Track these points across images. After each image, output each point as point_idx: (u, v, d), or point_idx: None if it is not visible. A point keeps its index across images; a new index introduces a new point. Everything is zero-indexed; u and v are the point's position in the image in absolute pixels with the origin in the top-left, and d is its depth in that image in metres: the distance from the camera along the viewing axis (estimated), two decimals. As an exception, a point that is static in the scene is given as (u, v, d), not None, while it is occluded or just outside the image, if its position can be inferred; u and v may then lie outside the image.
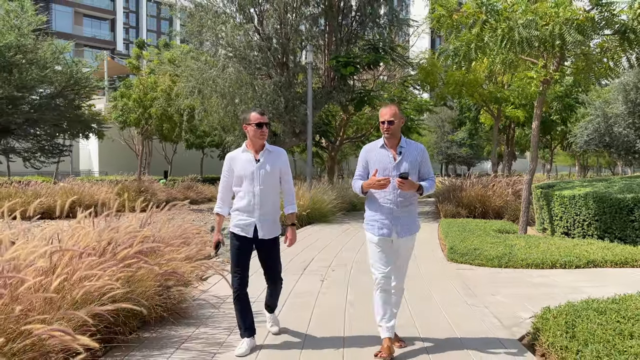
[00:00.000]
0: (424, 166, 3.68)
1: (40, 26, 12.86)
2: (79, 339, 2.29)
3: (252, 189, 3.65)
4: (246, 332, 3.63)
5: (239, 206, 3.69)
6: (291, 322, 4.32)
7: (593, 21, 7.79)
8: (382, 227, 3.58)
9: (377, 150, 3.64)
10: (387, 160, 3.59)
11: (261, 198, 3.65)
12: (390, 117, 3.56)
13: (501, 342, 3.89)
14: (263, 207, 3.66)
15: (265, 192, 3.67)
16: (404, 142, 3.66)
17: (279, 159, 3.76)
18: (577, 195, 9.00)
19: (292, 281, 5.88)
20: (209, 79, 13.49)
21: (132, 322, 3.77)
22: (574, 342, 3.38)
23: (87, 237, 3.69)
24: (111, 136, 27.36)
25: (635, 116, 16.06)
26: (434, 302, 5.03)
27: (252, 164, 3.66)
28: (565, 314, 3.97)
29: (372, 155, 3.65)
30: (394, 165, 3.56)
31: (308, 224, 12.07)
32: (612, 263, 6.82)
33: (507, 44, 7.76)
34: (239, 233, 3.66)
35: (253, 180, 3.63)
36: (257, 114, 3.67)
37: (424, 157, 3.69)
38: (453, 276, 6.31)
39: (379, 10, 15.37)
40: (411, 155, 3.62)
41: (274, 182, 3.72)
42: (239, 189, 3.69)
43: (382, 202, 3.59)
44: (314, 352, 3.67)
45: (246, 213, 3.67)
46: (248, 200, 3.65)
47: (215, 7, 14.22)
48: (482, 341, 3.91)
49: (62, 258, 3.02)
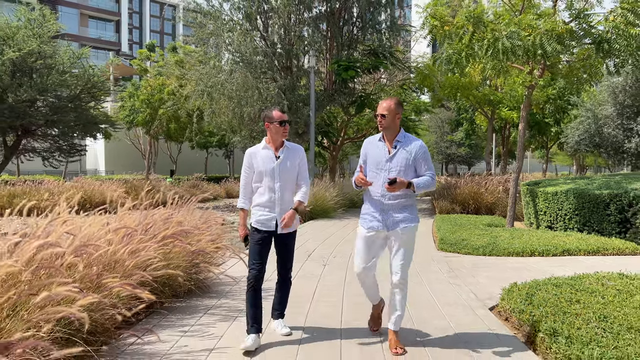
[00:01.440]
0: (422, 162, 3.60)
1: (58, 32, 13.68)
2: (143, 291, 3.05)
3: (273, 185, 3.73)
4: (253, 327, 3.67)
5: (259, 202, 3.77)
6: (300, 293, 5.09)
7: (572, 32, 8.54)
8: (372, 219, 3.64)
9: (375, 143, 3.68)
10: (382, 153, 3.62)
11: (281, 193, 3.74)
12: (382, 111, 3.56)
13: (474, 310, 4.65)
14: (283, 202, 3.75)
15: (285, 187, 3.76)
16: (402, 137, 3.64)
17: (298, 155, 3.86)
18: (559, 191, 9.76)
19: (299, 265, 6.66)
20: (217, 83, 14.30)
21: (167, 292, 4.55)
22: (530, 306, 4.15)
23: (132, 221, 4.45)
24: (117, 136, 28.19)
25: (623, 118, 16.80)
26: (421, 282, 5.80)
27: (272, 160, 3.75)
28: (528, 287, 4.74)
29: (370, 148, 3.70)
30: (387, 158, 3.58)
31: (311, 219, 12.84)
32: (585, 252, 7.58)
33: (493, 53, 8.51)
34: (261, 228, 3.75)
35: (274, 176, 3.73)
36: (280, 112, 3.76)
37: (422, 152, 3.61)
38: (441, 262, 7.07)
39: (378, 17, 16.14)
40: (407, 150, 3.59)
41: (293, 177, 3.81)
42: (259, 184, 3.77)
43: (374, 196, 3.63)
44: (318, 313, 4.44)
45: (267, 208, 3.75)
46: (269, 196, 3.73)
47: (223, 14, 15.01)
48: (458, 309, 4.68)
49: (119, 235, 3.79)
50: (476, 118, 20.55)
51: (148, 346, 3.62)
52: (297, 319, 4.33)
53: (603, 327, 3.54)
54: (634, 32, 8.33)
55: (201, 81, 14.91)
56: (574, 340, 3.33)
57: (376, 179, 3.60)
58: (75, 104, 14.25)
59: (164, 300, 4.56)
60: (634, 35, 8.36)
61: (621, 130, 16.84)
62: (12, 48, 11.55)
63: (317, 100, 15.83)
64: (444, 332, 4.01)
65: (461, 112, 22.89)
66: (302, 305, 4.77)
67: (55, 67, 13.03)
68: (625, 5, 8.45)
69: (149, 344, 3.67)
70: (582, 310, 3.94)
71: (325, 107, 16.85)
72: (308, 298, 5.03)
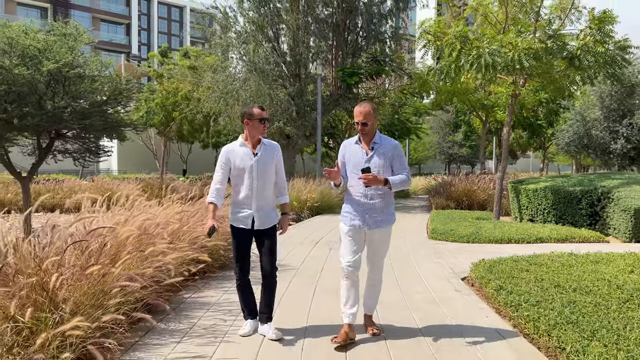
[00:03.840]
0: (397, 161, 3.78)
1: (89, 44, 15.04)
2: (202, 254, 4.34)
3: (250, 182, 3.74)
4: (249, 315, 3.88)
5: (236, 199, 3.79)
6: (312, 268, 6.36)
7: (546, 49, 9.75)
8: (353, 218, 3.78)
9: (352, 146, 3.84)
10: (360, 155, 3.77)
11: (258, 190, 3.75)
12: (363, 119, 3.69)
13: (448, 280, 5.91)
14: (260, 199, 3.76)
15: (262, 184, 3.77)
16: (378, 138, 3.79)
17: (275, 152, 3.86)
18: (539, 188, 10.98)
19: (308, 250, 7.93)
20: (232, 90, 15.63)
21: (210, 263, 5.84)
22: (489, 274, 5.40)
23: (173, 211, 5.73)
24: (130, 137, 29.59)
25: (609, 121, 17.98)
26: (410, 261, 7.06)
27: (250, 157, 3.75)
28: (492, 262, 5.99)
29: (348, 151, 3.86)
30: (366, 160, 3.74)
31: (317, 214, 14.11)
32: (555, 239, 8.80)
33: (477, 67, 9.74)
34: (239, 225, 3.79)
35: (252, 173, 3.74)
36: (259, 109, 3.77)
37: (397, 152, 3.79)
38: (429, 248, 8.33)
39: (380, 28, 17.42)
40: (384, 151, 3.76)
41: (270, 174, 3.82)
42: (237, 182, 3.78)
43: (355, 195, 3.79)
44: (326, 285, 5.70)
45: (244, 205, 3.76)
46: (246, 193, 3.74)
47: (237, 26, 16.35)
48: (436, 278, 5.93)
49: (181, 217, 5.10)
50: (472, 121, 21.77)
51: (200, 299, 4.91)
52: (310, 288, 5.60)
53: (537, 286, 4.79)
54: (601, 50, 9.54)
55: (217, 88, 16.25)
56: (513, 293, 4.58)
57: (356, 180, 3.74)
58: (102, 108, 15.60)
59: (206, 270, 5.86)
60: (601, 52, 9.57)
61: (608, 132, 18.01)
62: (50, 60, 12.89)
63: (324, 104, 17.10)
64: (423, 295, 5.27)
65: (459, 114, 24.11)
66: (314, 276, 6.04)
67: (86, 75, 14.38)
68: (593, 25, 9.67)
69: (200, 297, 4.95)
70: (527, 276, 5.19)
71: (331, 111, 18.13)
72: (317, 271, 6.31)
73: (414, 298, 5.07)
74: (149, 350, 3.54)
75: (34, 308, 2.88)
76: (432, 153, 43.40)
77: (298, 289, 5.41)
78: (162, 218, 4.72)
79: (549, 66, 10.64)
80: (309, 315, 4.44)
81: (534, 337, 3.76)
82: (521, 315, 4.04)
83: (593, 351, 3.12)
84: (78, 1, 58.47)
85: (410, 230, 10.56)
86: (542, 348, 3.60)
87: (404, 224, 11.55)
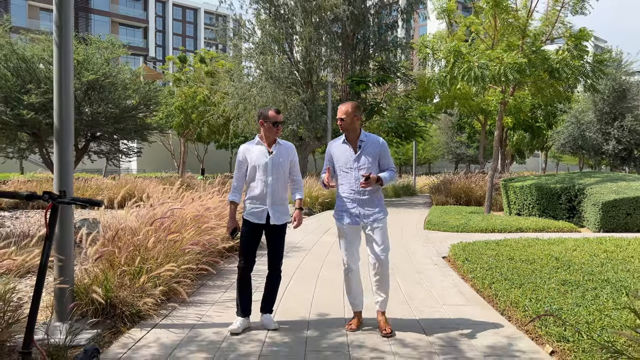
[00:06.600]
0: (383, 158, 3.92)
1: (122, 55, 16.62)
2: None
3: (265, 179, 3.89)
4: (243, 312, 3.97)
5: (252, 195, 3.94)
6: (321, 252, 7.80)
7: (530, 63, 11.07)
8: (349, 216, 3.89)
9: (340, 146, 3.95)
10: (348, 154, 3.90)
11: (273, 187, 3.90)
12: (341, 115, 3.86)
13: (431, 258, 7.30)
14: (274, 195, 3.91)
15: (277, 181, 3.92)
16: (364, 136, 3.92)
17: (290, 152, 4.05)
18: (525, 185, 12.30)
19: (318, 237, 9.37)
20: (250, 97, 17.16)
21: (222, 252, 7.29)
22: (462, 252, 6.78)
23: (217, 200, 7.19)
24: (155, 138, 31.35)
25: (602, 123, 19.17)
26: (403, 246, 8.47)
27: (265, 155, 3.92)
28: (467, 244, 7.38)
29: (335, 150, 3.97)
30: (354, 158, 3.87)
31: (327, 208, 15.55)
32: (533, 229, 10.13)
33: (467, 78, 11.09)
34: (253, 220, 3.92)
35: (266, 170, 3.90)
36: (275, 113, 3.94)
37: (383, 150, 3.91)
38: (422, 236, 9.72)
39: (387, 38, 18.82)
40: (370, 148, 3.88)
41: (285, 172, 3.98)
42: (253, 178, 3.94)
43: (348, 194, 3.91)
44: (332, 259, 7.13)
45: (259, 201, 3.91)
46: (261, 190, 3.89)
47: (255, 37, 17.88)
48: (423, 257, 7.33)
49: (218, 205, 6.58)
50: (473, 124, 23.03)
51: (234, 268, 6.37)
52: (319, 262, 7.04)
53: (494, 259, 6.17)
54: (576, 64, 10.85)
55: (236, 94, 17.80)
56: (475, 264, 5.96)
57: (346, 178, 3.91)
58: (133, 113, 17.27)
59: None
60: (577, 66, 10.88)
61: (600, 134, 19.21)
62: (89, 72, 14.55)
63: (334, 109, 18.53)
64: (410, 268, 6.68)
65: (462, 117, 25.40)
66: (321, 258, 7.49)
67: (119, 84, 16.04)
68: (570, 42, 10.98)
69: (234, 266, 6.41)
70: (491, 252, 6.57)
71: (340, 115, 19.53)
72: (325, 253, 7.74)
73: (402, 268, 6.48)
74: (205, 295, 5.00)
75: (139, 259, 4.35)
76: (440, 152, 44.63)
77: (310, 262, 6.85)
78: (210, 204, 6.19)
79: (533, 78, 11.97)
80: (318, 277, 5.88)
81: (480, 290, 5.16)
82: (475, 277, 5.44)
83: (513, 293, 4.51)
84: (98, 6, 60.60)
85: (409, 222, 11.97)
86: (485, 297, 5.00)
87: (405, 217, 12.94)
